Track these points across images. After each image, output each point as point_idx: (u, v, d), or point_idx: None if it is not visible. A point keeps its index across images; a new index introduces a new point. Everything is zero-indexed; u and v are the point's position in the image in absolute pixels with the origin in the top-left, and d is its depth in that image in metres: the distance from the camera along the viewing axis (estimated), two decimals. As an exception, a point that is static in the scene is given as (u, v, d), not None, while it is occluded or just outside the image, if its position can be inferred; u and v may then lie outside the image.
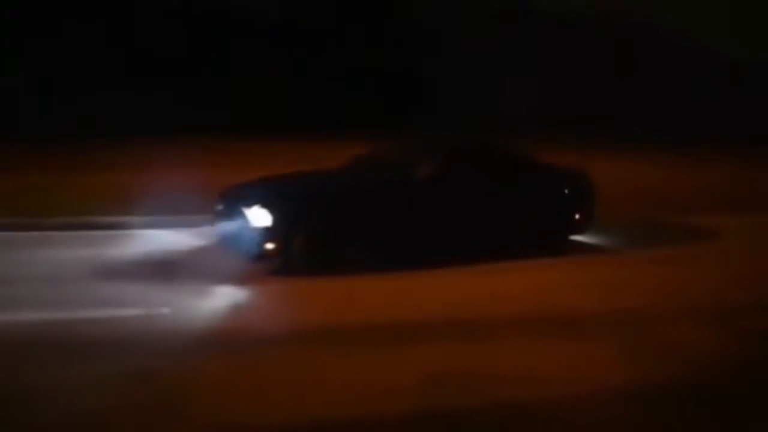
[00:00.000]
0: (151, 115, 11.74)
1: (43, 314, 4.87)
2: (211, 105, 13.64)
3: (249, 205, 6.05)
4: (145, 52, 14.43)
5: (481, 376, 4.13)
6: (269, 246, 5.90)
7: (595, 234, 7.92)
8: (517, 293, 5.87)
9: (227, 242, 6.41)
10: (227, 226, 6.32)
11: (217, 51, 15.05)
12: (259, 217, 5.95)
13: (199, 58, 14.93)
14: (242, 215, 6.07)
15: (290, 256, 5.95)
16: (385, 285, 5.87)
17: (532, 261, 6.81)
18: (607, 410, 3.78)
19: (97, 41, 14.24)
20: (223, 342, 4.59)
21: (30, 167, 10.19)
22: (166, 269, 6.12)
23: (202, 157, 10.64)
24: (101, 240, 7.14)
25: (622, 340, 4.78)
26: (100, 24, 14.70)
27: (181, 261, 6.45)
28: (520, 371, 4.22)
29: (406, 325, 4.98)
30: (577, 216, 7.58)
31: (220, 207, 6.57)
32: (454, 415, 3.67)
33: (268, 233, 5.90)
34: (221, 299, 5.52)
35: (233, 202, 6.35)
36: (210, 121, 12.75)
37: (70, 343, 4.39)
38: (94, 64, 14.01)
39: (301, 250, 5.95)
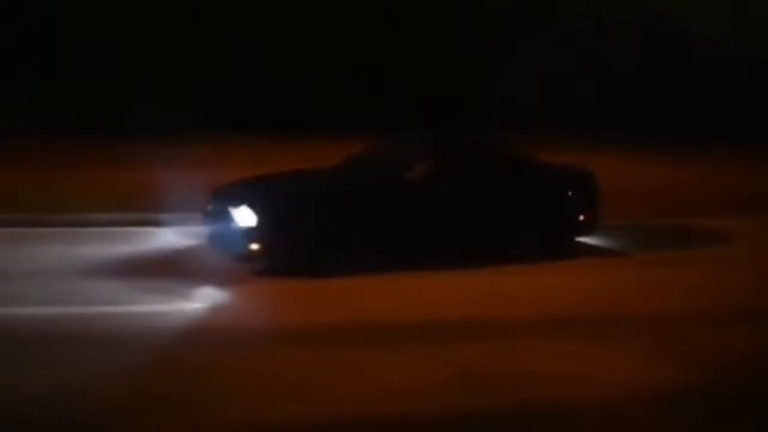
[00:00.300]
0: (160, 116, 11.78)
1: (26, 309, 4.89)
2: (230, 103, 13.62)
3: (236, 204, 5.98)
4: (149, 52, 14.47)
5: (488, 376, 4.03)
6: (254, 246, 5.82)
7: (602, 235, 7.65)
8: (514, 296, 5.69)
9: (216, 242, 6.33)
10: (216, 226, 6.24)
11: (234, 46, 14.98)
12: (244, 217, 5.88)
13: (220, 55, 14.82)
14: (229, 215, 5.99)
15: (275, 257, 5.86)
16: (378, 286, 5.74)
17: (529, 264, 6.53)
18: (631, 411, 3.67)
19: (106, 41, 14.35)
20: (194, 340, 4.53)
21: (46, 163, 10.24)
22: (152, 268, 6.11)
23: (228, 155, 10.51)
24: (99, 237, 7.17)
25: (636, 341, 4.65)
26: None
27: (168, 260, 6.41)
28: (537, 372, 4.11)
29: (405, 325, 4.87)
30: (581, 217, 7.30)
31: (210, 206, 6.47)
32: (473, 415, 3.58)
33: (253, 233, 5.82)
34: (196, 299, 5.41)
35: (223, 201, 6.27)
36: (229, 120, 12.68)
37: (49, 337, 4.39)
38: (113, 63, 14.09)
39: (287, 251, 5.87)
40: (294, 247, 5.88)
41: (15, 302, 5.01)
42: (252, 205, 5.87)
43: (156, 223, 7.63)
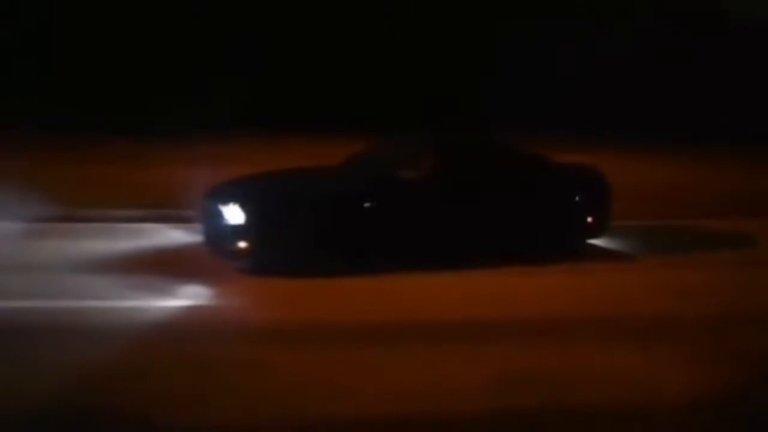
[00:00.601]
0: (166, 114, 11.75)
1: (10, 303, 4.92)
2: (234, 102, 13.52)
3: (226, 202, 5.89)
4: (154, 51, 14.43)
5: (484, 378, 3.91)
6: (242, 244, 5.72)
7: (610, 237, 7.39)
8: (511, 297, 5.53)
9: (209, 240, 6.20)
10: (209, 224, 6.13)
11: (234, 46, 14.92)
12: (234, 214, 5.79)
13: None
14: (221, 213, 5.88)
15: (262, 256, 5.76)
16: (364, 286, 5.62)
17: (532, 266, 6.31)
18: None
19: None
20: (168, 336, 4.46)
21: (50, 160, 10.17)
22: (145, 264, 6.05)
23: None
24: (102, 232, 7.17)
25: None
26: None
27: (163, 257, 6.35)
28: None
29: (393, 327, 4.74)
30: (589, 219, 7.01)
31: (204, 204, 6.31)
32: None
33: (241, 231, 5.72)
34: (179, 296, 5.29)
35: (215, 199, 6.14)
36: (230, 119, 12.58)
37: (26, 330, 4.41)
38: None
39: (273, 249, 5.75)
40: (281, 245, 5.75)
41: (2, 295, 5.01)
42: (241, 203, 5.78)
43: (160, 220, 7.58)
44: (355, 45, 15.63)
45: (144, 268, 5.87)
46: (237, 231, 5.69)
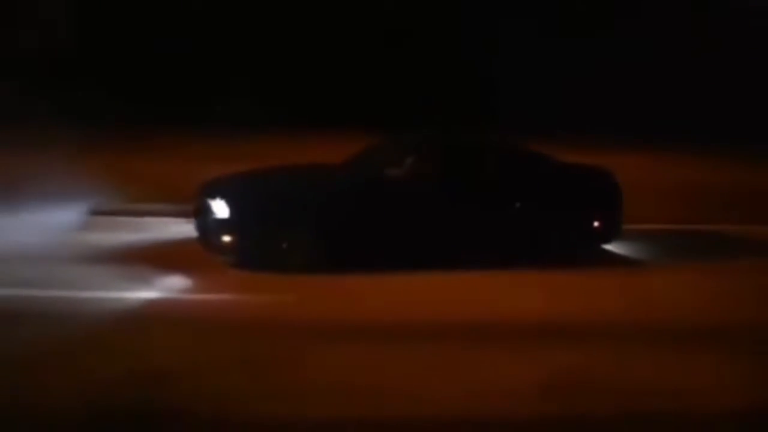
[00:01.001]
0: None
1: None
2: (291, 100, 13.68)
3: (214, 197, 5.95)
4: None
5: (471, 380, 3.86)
6: (226, 239, 5.75)
7: (626, 243, 7.20)
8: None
9: (201, 234, 6.23)
10: (200, 218, 6.17)
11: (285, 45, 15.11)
12: (219, 209, 5.84)
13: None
14: (209, 207, 5.94)
15: (243, 250, 5.77)
16: (342, 284, 5.54)
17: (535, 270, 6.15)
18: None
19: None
20: (137, 325, 4.52)
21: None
22: (140, 256, 6.12)
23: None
24: (112, 226, 7.29)
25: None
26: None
27: (161, 250, 6.44)
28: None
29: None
30: (596, 223, 6.75)
31: (197, 199, 6.36)
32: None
33: (226, 226, 5.76)
34: (159, 288, 5.32)
35: (207, 194, 6.18)
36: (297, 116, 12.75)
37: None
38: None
39: (253, 244, 5.75)
40: (261, 241, 5.74)
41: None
42: (226, 199, 5.83)
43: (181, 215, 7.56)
44: (362, 47, 15.60)
45: (138, 260, 5.93)
46: (222, 225, 5.74)
